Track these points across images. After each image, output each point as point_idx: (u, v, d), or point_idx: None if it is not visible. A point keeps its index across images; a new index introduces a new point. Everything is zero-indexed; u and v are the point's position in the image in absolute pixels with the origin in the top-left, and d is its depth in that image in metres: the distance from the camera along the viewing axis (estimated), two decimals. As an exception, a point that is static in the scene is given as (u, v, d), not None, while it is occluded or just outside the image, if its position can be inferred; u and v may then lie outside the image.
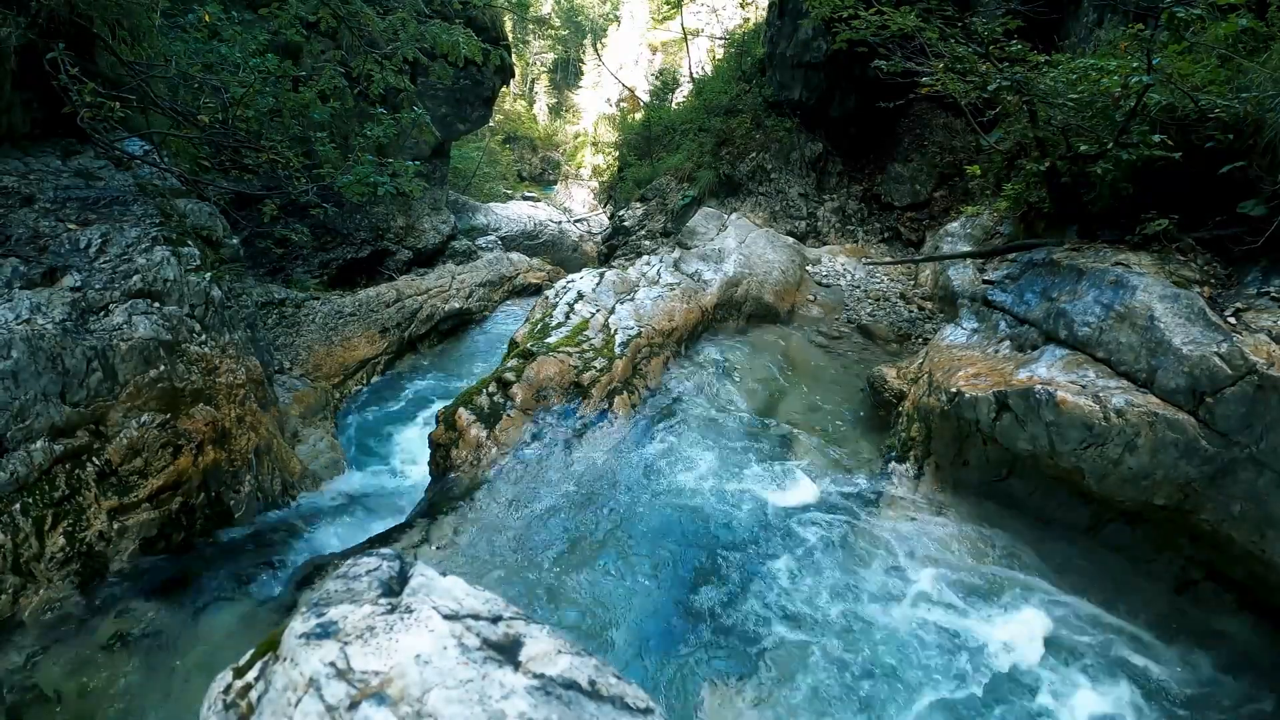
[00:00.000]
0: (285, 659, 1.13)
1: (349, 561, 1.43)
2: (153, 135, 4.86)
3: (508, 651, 1.16)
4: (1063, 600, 3.62)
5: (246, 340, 4.79)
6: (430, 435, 4.99)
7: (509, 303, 11.36)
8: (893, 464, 4.86)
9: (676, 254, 8.25)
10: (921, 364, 5.31)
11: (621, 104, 28.42)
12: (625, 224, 12.41)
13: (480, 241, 14.32)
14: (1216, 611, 3.36)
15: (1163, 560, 3.52)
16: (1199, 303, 3.57)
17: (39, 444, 3.20)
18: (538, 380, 5.17)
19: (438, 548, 3.88)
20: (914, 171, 10.62)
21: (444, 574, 1.39)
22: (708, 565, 3.90)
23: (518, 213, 18.02)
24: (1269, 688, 3.10)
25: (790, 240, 9.79)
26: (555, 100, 35.88)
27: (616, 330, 6.01)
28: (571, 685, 1.12)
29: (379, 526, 4.47)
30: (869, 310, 8.03)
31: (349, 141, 7.08)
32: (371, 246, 10.50)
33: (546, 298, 6.73)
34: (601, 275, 7.10)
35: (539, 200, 23.15)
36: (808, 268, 9.18)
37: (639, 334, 6.01)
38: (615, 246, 12.25)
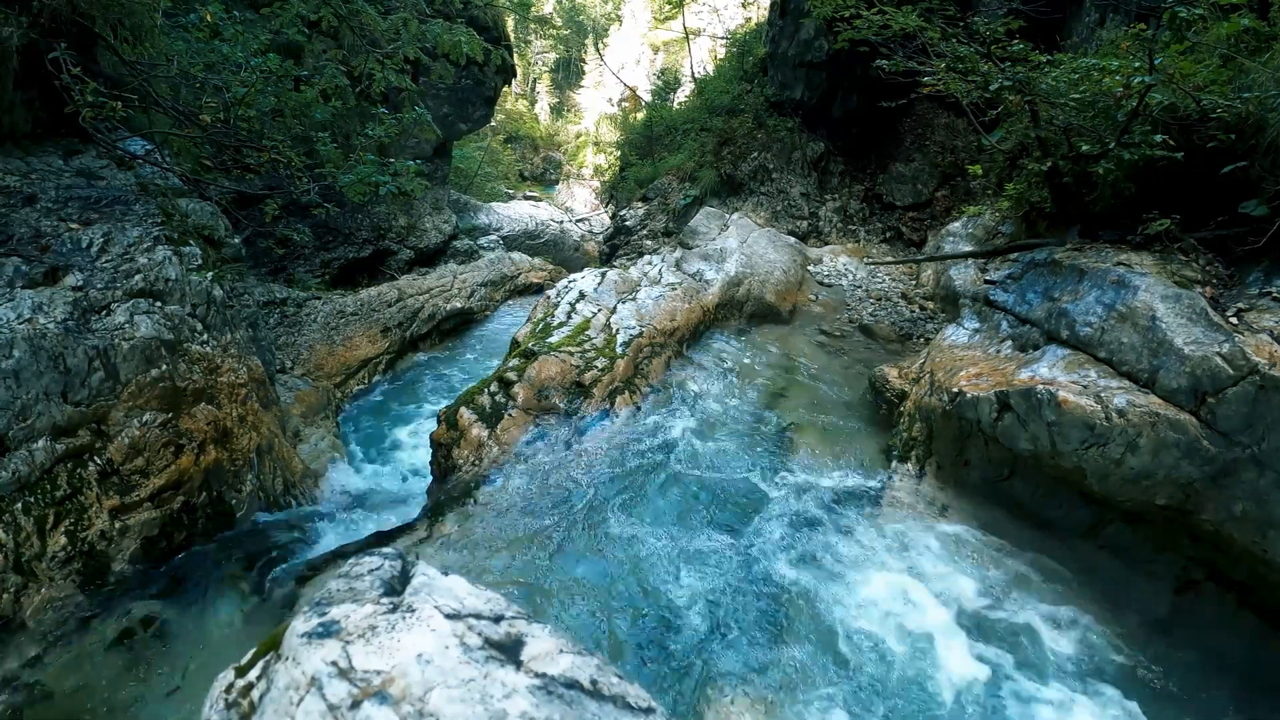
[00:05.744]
0: (287, 658, 1.13)
1: (350, 560, 1.44)
2: (154, 135, 4.86)
3: (509, 651, 1.16)
4: (1064, 600, 3.62)
5: (248, 340, 4.80)
6: (431, 435, 4.99)
7: (511, 302, 11.37)
8: (894, 464, 4.85)
9: (678, 254, 8.25)
10: (923, 364, 5.31)
11: (623, 103, 28.43)
12: (627, 224, 12.41)
13: (482, 241, 14.33)
14: (1217, 612, 3.35)
15: (1164, 561, 3.52)
16: (1200, 303, 3.56)
17: (41, 443, 3.20)
18: (539, 380, 5.17)
19: (439, 547, 3.89)
20: (916, 171, 10.62)
21: (446, 573, 1.39)
22: (710, 565, 3.90)
23: (519, 212, 18.03)
24: (1269, 687, 3.09)
25: (792, 240, 9.80)
26: (557, 100, 35.86)
27: (618, 330, 6.01)
28: (573, 685, 1.12)
29: (380, 526, 4.48)
30: (871, 310, 8.03)
31: (350, 141, 7.08)
32: (373, 246, 10.51)
33: (548, 297, 6.73)
34: (603, 275, 7.10)
35: (540, 200, 23.16)
36: (809, 267, 9.18)
37: (641, 333, 6.01)
38: (617, 246, 12.25)
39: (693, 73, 18.82)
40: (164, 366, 3.81)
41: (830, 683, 3.18)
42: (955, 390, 4.39)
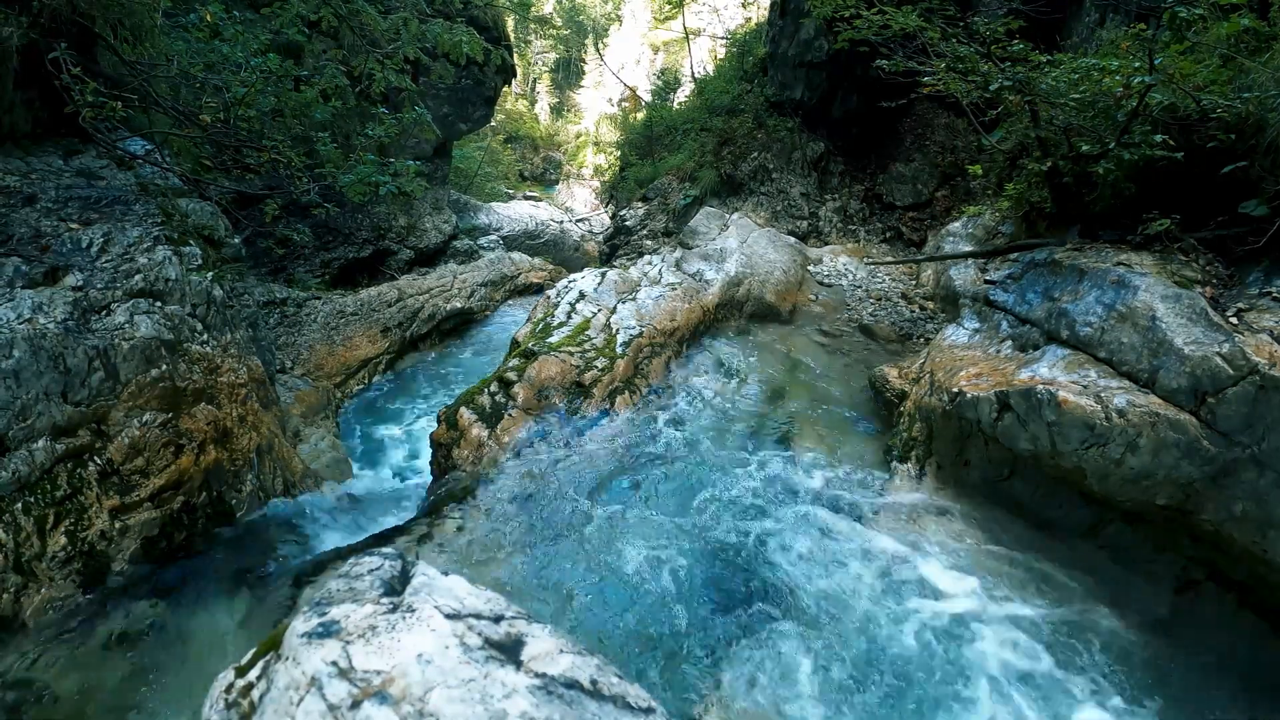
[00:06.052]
0: (287, 658, 1.13)
1: (351, 560, 1.44)
2: (154, 135, 4.86)
3: (509, 651, 1.16)
4: (1063, 600, 3.62)
5: (248, 339, 4.80)
6: (431, 435, 4.99)
7: (511, 302, 11.36)
8: (894, 464, 4.85)
9: (678, 253, 8.25)
10: (923, 364, 5.31)
11: (623, 103, 28.43)
12: (627, 224, 12.40)
13: (482, 241, 14.33)
14: (1217, 612, 3.35)
15: (1164, 561, 3.52)
16: (1200, 303, 3.56)
17: (41, 443, 3.20)
18: (539, 380, 5.17)
19: (439, 547, 3.89)
20: (916, 171, 10.62)
21: (446, 573, 1.39)
22: (708, 565, 3.90)
23: (519, 212, 18.03)
24: (1269, 687, 3.09)
25: (792, 240, 9.79)
26: (557, 100, 35.85)
27: (618, 330, 6.01)
28: (573, 685, 1.12)
29: (380, 526, 4.48)
30: (871, 310, 8.02)
31: (351, 141, 7.08)
32: (373, 246, 10.51)
33: (548, 297, 6.73)
34: (603, 275, 7.10)
35: (540, 200, 23.16)
36: (809, 267, 9.18)
37: (641, 333, 6.01)
38: (617, 246, 12.24)
39: (693, 73, 18.82)
40: (164, 366, 3.81)
41: (828, 682, 3.18)
42: (955, 390, 4.39)
